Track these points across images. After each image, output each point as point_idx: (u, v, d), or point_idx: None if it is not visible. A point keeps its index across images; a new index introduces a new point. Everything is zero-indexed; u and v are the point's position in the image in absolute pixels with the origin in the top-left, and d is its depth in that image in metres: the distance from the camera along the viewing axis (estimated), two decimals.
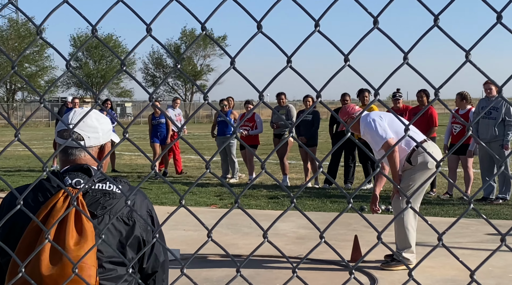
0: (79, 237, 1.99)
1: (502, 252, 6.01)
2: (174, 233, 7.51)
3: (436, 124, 10.30)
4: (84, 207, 2.04)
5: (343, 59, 0.99)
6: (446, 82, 0.96)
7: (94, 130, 2.25)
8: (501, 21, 0.91)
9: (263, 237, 1.11)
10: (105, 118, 2.35)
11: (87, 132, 2.24)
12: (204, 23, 1.00)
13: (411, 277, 1.04)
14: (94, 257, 2.02)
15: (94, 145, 2.26)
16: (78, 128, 2.22)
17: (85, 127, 2.23)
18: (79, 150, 2.22)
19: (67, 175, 2.15)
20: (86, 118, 2.24)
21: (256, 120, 12.56)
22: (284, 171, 12.37)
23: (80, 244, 1.98)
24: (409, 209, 6.08)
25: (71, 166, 2.20)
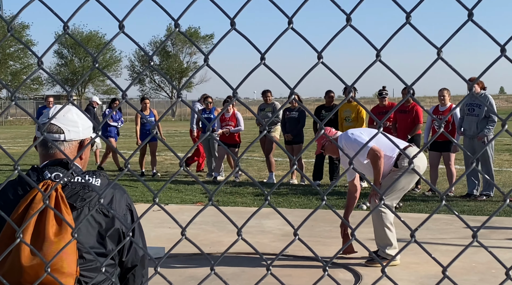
0: (59, 228, 2.03)
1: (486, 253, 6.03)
2: (160, 231, 7.49)
3: (421, 122, 10.36)
4: (64, 199, 2.07)
5: (317, 56, 0.99)
6: (417, 80, 0.97)
7: (74, 124, 2.28)
8: (472, 19, 0.91)
9: (237, 234, 1.11)
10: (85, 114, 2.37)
11: (67, 126, 2.26)
12: (177, 20, 0.99)
13: (384, 273, 1.04)
14: (75, 247, 2.06)
15: (74, 139, 2.28)
16: (58, 122, 2.25)
17: (65, 121, 2.26)
18: (59, 143, 2.25)
19: (47, 169, 2.19)
20: (67, 113, 2.27)
21: (237, 118, 12.50)
22: (270, 168, 12.37)
23: (61, 235, 2.01)
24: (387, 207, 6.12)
25: (51, 161, 2.23)
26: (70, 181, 2.15)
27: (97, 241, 2.15)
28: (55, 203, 2.05)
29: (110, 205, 2.22)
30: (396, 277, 5.58)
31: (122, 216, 2.24)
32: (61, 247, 2.00)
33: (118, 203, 2.26)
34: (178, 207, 9.51)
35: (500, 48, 0.91)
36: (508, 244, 6.77)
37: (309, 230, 7.56)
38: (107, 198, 2.23)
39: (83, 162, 2.35)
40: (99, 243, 2.15)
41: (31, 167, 2.22)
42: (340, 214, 1.08)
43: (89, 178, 2.19)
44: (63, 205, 2.06)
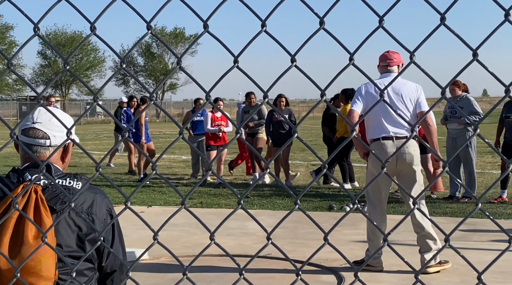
0: (38, 231, 2.01)
1: (468, 250, 6.09)
2: (142, 233, 7.45)
3: None
4: (44, 201, 2.05)
5: (290, 59, 0.98)
6: (390, 84, 0.97)
7: (60, 129, 2.26)
8: (445, 23, 0.91)
9: (210, 239, 1.10)
10: (68, 117, 2.36)
11: (53, 131, 2.24)
12: (149, 22, 0.98)
13: (357, 278, 1.04)
14: (53, 251, 2.03)
15: (59, 144, 2.26)
16: (44, 127, 2.23)
17: (51, 126, 2.24)
18: (44, 148, 2.22)
19: (27, 171, 2.17)
20: (52, 117, 2.24)
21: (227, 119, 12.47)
22: (255, 169, 12.35)
23: (39, 238, 1.99)
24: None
25: (32, 163, 2.21)
26: (50, 183, 2.13)
27: (77, 245, 2.14)
28: (35, 205, 2.04)
29: (91, 209, 2.21)
30: (378, 279, 5.60)
31: (103, 220, 2.23)
32: (41, 252, 1.98)
33: (98, 207, 2.24)
34: (161, 209, 9.47)
35: (472, 52, 0.91)
36: (489, 245, 6.82)
37: (292, 232, 7.56)
38: (88, 202, 2.21)
39: (64, 164, 2.33)
40: (78, 246, 2.14)
41: (12, 169, 2.20)
42: (312, 217, 1.07)
43: (70, 181, 2.17)
44: (43, 208, 2.04)
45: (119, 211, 1.24)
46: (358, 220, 8.17)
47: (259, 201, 10.03)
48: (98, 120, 58.13)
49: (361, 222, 8.05)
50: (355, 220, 8.13)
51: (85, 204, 2.19)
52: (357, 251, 6.57)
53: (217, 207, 9.61)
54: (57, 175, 2.19)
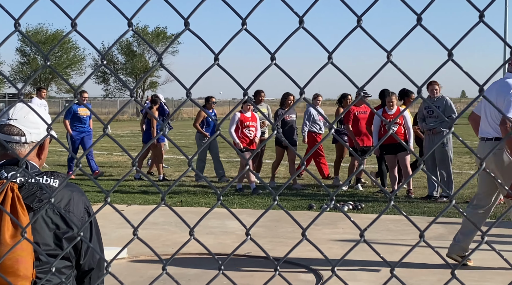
0: (15, 230, 1.99)
1: (444, 249, 6.12)
2: (122, 232, 7.42)
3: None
4: (20, 200, 2.03)
5: (270, 57, 1.00)
6: (367, 83, 0.99)
7: (35, 125, 2.24)
8: (421, 24, 0.93)
9: (190, 234, 1.11)
10: (46, 114, 2.35)
11: (28, 128, 2.22)
12: (130, 19, 0.99)
13: (334, 273, 1.06)
14: (31, 249, 2.03)
15: (35, 140, 2.24)
16: (19, 124, 2.21)
17: (27, 122, 2.22)
18: (20, 145, 2.21)
19: (3, 169, 2.15)
20: (28, 114, 2.23)
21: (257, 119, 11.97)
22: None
23: (17, 237, 1.98)
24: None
25: (8, 160, 2.19)
26: (27, 181, 2.12)
27: (54, 243, 2.13)
28: (11, 203, 2.02)
29: (68, 207, 2.19)
30: (356, 277, 5.64)
31: (80, 218, 2.22)
32: (18, 251, 1.97)
33: (76, 205, 2.23)
34: (141, 208, 9.44)
35: (448, 52, 0.93)
36: None
37: (272, 231, 7.59)
38: (65, 199, 2.20)
39: (41, 162, 2.31)
40: (56, 244, 2.13)
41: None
42: (292, 215, 1.09)
43: (47, 178, 2.16)
44: (19, 206, 2.03)
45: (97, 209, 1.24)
46: (337, 219, 8.22)
47: (239, 200, 10.04)
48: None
49: (340, 221, 8.11)
50: (334, 219, 8.18)
51: (62, 202, 2.18)
52: (336, 250, 6.61)
53: (197, 205, 9.60)
54: (33, 172, 2.18)
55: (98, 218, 2.47)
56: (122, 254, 6.36)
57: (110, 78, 66.65)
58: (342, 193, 10.53)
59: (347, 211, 9.06)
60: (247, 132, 10.78)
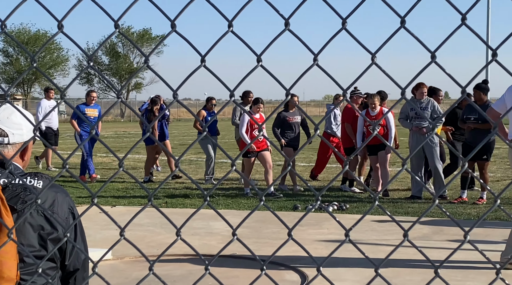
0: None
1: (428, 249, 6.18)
2: (107, 233, 7.39)
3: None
4: (4, 201, 2.02)
5: (256, 59, 1.01)
6: (352, 84, 1.00)
7: (18, 126, 2.23)
8: (405, 26, 0.95)
9: (176, 235, 1.11)
10: (29, 114, 2.33)
11: (11, 129, 2.21)
12: (117, 20, 0.99)
13: (319, 272, 1.07)
14: (15, 251, 2.02)
15: (18, 142, 2.23)
16: (2, 125, 2.20)
17: (10, 123, 2.21)
18: (2, 146, 2.20)
19: None
20: (11, 115, 2.22)
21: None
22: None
23: (0, 239, 1.97)
24: None
25: None
26: (10, 182, 2.11)
27: (39, 244, 2.12)
28: None
29: (52, 207, 2.18)
30: (341, 277, 5.67)
31: (64, 219, 2.20)
32: (1, 253, 1.95)
33: (60, 206, 2.22)
34: (125, 209, 9.41)
35: (431, 54, 0.95)
36: (450, 245, 6.95)
37: (257, 232, 7.60)
38: (49, 200, 2.19)
39: (24, 163, 2.30)
40: (40, 245, 2.12)
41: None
42: (278, 215, 1.10)
43: (31, 180, 2.15)
44: (3, 207, 2.02)
45: (82, 210, 1.24)
46: (322, 219, 8.25)
47: (224, 201, 10.04)
48: (61, 119, 57.26)
49: (325, 221, 8.14)
50: (319, 220, 8.21)
51: (46, 203, 2.16)
52: (321, 250, 6.64)
53: (182, 207, 9.59)
54: (17, 173, 2.16)
55: (83, 220, 2.46)
56: (107, 255, 6.34)
57: (94, 79, 66.31)
58: (327, 194, 10.57)
59: (332, 211, 9.09)
60: (256, 134, 10.38)
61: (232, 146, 19.06)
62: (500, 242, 7.04)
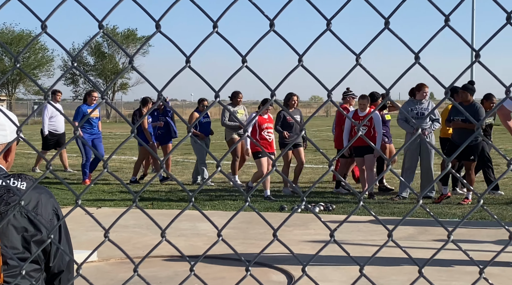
0: None
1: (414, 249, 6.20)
2: (92, 235, 7.35)
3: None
4: None
5: (241, 60, 1.01)
6: (337, 85, 1.00)
7: (2, 127, 2.21)
8: (388, 27, 0.95)
9: (161, 236, 1.11)
10: (12, 115, 2.31)
11: None
12: (101, 21, 0.99)
13: (304, 273, 1.07)
14: None
15: (1, 142, 2.21)
16: None
17: None
18: None
19: None
20: None
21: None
22: (234, 171, 12.10)
23: None
24: None
25: None
26: None
27: (23, 246, 2.09)
28: None
29: (36, 209, 2.16)
30: (328, 278, 5.68)
31: (49, 221, 2.18)
32: None
33: (44, 207, 2.19)
34: (111, 210, 9.36)
35: (414, 55, 0.96)
36: (434, 245, 7.00)
37: (243, 233, 7.59)
38: (33, 202, 2.17)
39: (8, 164, 2.28)
40: (24, 248, 2.09)
41: None
42: (264, 216, 1.10)
43: (15, 181, 2.13)
44: None
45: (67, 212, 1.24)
46: (309, 220, 8.26)
47: (210, 202, 10.03)
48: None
49: (311, 222, 8.15)
50: (306, 221, 8.23)
51: (30, 205, 2.14)
52: (308, 251, 6.65)
53: (168, 208, 9.56)
54: (0, 175, 2.14)
55: (68, 221, 2.45)
56: (92, 257, 6.31)
57: (80, 80, 65.94)
58: (313, 195, 10.58)
59: (319, 212, 9.11)
60: (265, 135, 10.26)
61: (219, 148, 19.05)
62: (485, 241, 7.10)
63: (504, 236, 7.29)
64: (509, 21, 0.92)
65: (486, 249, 6.70)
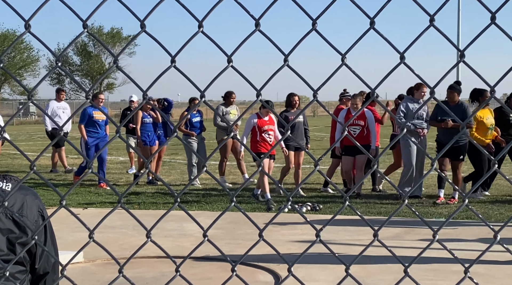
0: None
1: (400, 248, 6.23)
2: (78, 236, 7.31)
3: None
4: None
5: (227, 60, 1.00)
6: (323, 85, 1.00)
7: None
8: (374, 27, 0.95)
9: (146, 237, 1.10)
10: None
11: None
12: (85, 20, 0.98)
13: (290, 273, 1.07)
14: None
15: None
16: None
17: None
18: None
19: None
20: None
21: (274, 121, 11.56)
22: (222, 172, 12.04)
23: None
24: None
25: None
26: None
27: (7, 248, 2.08)
28: None
29: (21, 211, 2.14)
30: (314, 278, 5.69)
31: (34, 222, 2.16)
32: None
33: (29, 208, 2.17)
34: (97, 211, 9.32)
35: (400, 55, 0.96)
36: (420, 244, 7.03)
37: (230, 233, 7.59)
38: (18, 203, 2.15)
39: None
40: (9, 249, 2.08)
41: None
42: (249, 216, 1.09)
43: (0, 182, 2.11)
44: None
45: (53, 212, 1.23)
46: (296, 220, 8.27)
47: (197, 202, 10.01)
48: (32, 120, 56.53)
49: (298, 222, 8.16)
50: (293, 221, 8.23)
51: (15, 206, 2.12)
52: (295, 251, 6.66)
53: (155, 208, 9.53)
54: None
55: (53, 222, 2.43)
56: (79, 258, 6.27)
57: (66, 80, 65.55)
58: (301, 195, 10.59)
59: (306, 212, 9.12)
60: (266, 137, 10.12)
61: (212, 147, 18.93)
62: (471, 240, 7.15)
63: (489, 235, 7.34)
64: (494, 21, 0.93)
65: (471, 248, 6.74)
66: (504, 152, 1.18)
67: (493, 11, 0.92)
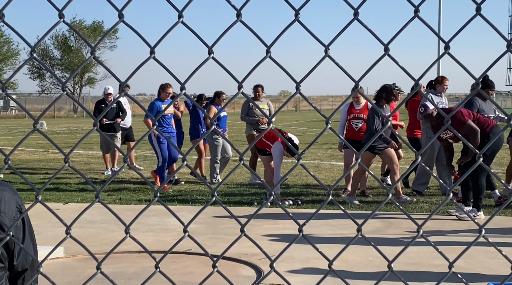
0: None
1: (382, 242, 6.23)
2: (58, 231, 7.24)
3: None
4: None
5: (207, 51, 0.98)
6: (305, 77, 0.98)
7: None
8: (358, 18, 0.94)
9: (125, 232, 1.08)
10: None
11: None
12: (61, 10, 0.95)
13: (272, 268, 1.05)
14: None
15: None
16: None
17: None
18: None
19: None
20: None
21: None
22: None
23: None
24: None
25: None
26: None
27: None
28: None
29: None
30: (297, 272, 5.69)
31: (12, 218, 2.12)
32: None
33: (7, 204, 2.13)
34: (78, 206, 9.24)
35: (384, 47, 0.94)
36: (402, 238, 7.07)
37: (212, 227, 7.57)
38: None
39: None
40: None
41: None
42: (232, 212, 1.07)
43: None
44: None
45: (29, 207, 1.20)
46: (278, 215, 8.27)
47: (179, 196, 9.97)
48: (12, 114, 55.97)
49: (280, 216, 8.16)
50: (275, 215, 8.23)
51: None
52: (276, 245, 6.65)
53: (137, 203, 9.47)
54: None
55: (33, 217, 2.39)
56: (59, 253, 6.21)
57: (46, 74, 64.99)
58: (282, 190, 10.59)
59: (287, 206, 9.12)
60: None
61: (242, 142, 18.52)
62: (452, 232, 7.20)
63: (473, 226, 7.40)
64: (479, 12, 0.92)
65: (452, 240, 6.79)
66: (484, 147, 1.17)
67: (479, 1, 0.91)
